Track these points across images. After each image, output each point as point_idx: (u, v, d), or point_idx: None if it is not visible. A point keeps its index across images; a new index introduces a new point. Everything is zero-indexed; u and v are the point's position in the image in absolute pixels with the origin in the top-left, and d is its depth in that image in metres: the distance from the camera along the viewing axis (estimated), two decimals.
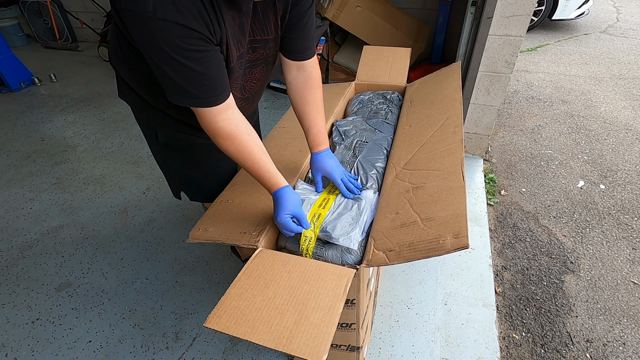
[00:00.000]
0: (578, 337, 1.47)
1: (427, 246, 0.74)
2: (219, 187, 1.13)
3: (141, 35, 0.70)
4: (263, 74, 1.02)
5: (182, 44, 0.70)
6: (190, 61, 0.73)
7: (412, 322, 1.44)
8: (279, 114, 2.99)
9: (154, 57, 0.72)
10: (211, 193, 1.15)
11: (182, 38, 0.69)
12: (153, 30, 0.67)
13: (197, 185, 1.20)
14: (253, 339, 0.65)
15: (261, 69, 0.99)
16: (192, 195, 1.24)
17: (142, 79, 0.92)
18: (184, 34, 0.69)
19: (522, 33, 1.85)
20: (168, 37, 0.68)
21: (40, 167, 2.42)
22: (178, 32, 0.68)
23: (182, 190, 1.24)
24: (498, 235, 1.92)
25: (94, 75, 3.82)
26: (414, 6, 3.37)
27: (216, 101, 0.80)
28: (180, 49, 0.70)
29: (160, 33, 0.68)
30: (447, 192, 0.86)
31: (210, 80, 0.77)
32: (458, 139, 1.03)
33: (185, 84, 0.75)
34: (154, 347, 1.39)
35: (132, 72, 0.93)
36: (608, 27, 5.15)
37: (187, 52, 0.71)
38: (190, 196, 1.25)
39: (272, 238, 0.96)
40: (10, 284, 1.65)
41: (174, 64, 0.72)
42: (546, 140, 2.69)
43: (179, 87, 0.76)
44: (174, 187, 1.26)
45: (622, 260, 1.77)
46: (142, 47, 0.73)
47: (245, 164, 0.88)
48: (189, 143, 1.06)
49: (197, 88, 0.77)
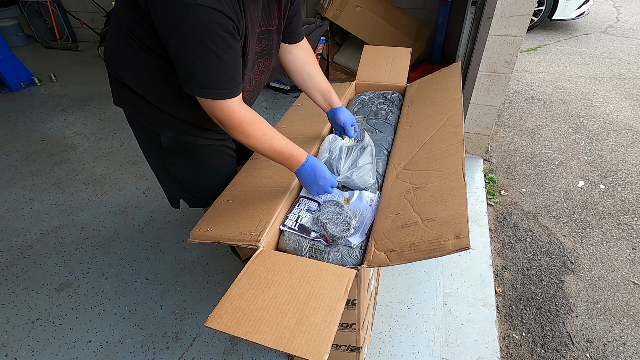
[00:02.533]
0: (578, 337, 1.47)
1: (428, 247, 0.74)
2: (220, 190, 1.13)
3: (175, 23, 0.71)
4: (266, 67, 1.03)
5: (219, 31, 0.72)
6: (221, 50, 0.75)
7: (412, 322, 1.44)
8: (279, 114, 2.99)
9: (184, 47, 0.74)
10: (212, 197, 1.15)
11: (218, 25, 0.72)
12: (192, 16, 0.69)
13: (198, 189, 1.18)
14: (254, 339, 0.64)
15: (265, 60, 1.00)
16: (192, 201, 1.22)
17: (150, 80, 0.91)
18: (221, 21, 0.72)
19: (522, 33, 1.85)
20: (206, 23, 0.71)
21: (40, 167, 2.42)
22: (216, 18, 0.71)
23: (182, 197, 1.22)
24: (498, 235, 1.92)
25: (94, 75, 3.82)
26: (414, 6, 3.37)
27: (236, 92, 0.83)
28: (215, 37, 0.73)
29: (199, 19, 0.70)
30: (448, 192, 0.86)
31: (233, 71, 0.80)
32: (459, 139, 1.03)
33: (214, 73, 0.77)
34: (154, 347, 1.39)
35: (138, 74, 0.92)
36: (608, 27, 5.15)
37: (220, 41, 0.74)
38: (190, 202, 1.23)
39: (272, 238, 0.96)
40: (10, 284, 1.65)
41: (205, 53, 0.74)
42: (546, 140, 2.69)
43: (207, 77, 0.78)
44: (173, 195, 1.24)
45: (622, 260, 1.77)
46: (171, 37, 0.74)
47: (273, 144, 0.91)
48: (193, 145, 1.06)
49: (223, 78, 0.79)
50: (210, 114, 0.87)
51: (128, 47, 0.87)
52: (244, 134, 0.88)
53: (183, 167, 1.12)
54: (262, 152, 0.93)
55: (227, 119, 0.85)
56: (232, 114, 0.84)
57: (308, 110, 1.46)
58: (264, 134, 0.90)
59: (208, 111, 0.86)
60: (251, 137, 0.88)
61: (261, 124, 0.89)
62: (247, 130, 0.87)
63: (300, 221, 0.98)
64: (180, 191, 1.20)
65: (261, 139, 0.90)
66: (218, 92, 0.81)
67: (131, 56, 0.88)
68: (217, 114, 0.85)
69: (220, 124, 0.88)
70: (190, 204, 1.24)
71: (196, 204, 1.23)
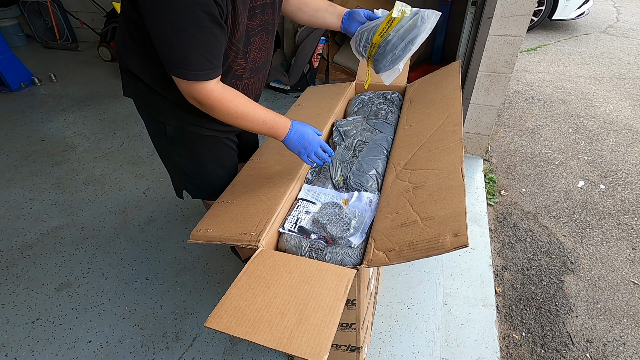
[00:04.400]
0: (578, 337, 1.47)
1: (426, 245, 0.74)
2: (222, 182, 1.14)
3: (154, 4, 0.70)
4: (264, 44, 1.00)
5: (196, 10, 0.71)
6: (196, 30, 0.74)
7: (412, 322, 1.44)
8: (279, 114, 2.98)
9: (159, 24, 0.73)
10: (215, 189, 1.16)
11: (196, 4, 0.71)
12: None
13: (201, 179, 1.19)
14: (254, 339, 0.64)
15: (261, 37, 0.98)
16: (195, 192, 1.24)
17: (154, 67, 0.91)
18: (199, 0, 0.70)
19: (522, 33, 1.85)
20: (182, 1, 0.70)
21: (40, 167, 2.42)
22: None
23: (185, 188, 1.24)
24: (498, 235, 1.92)
25: (94, 75, 3.82)
26: (413, 6, 3.37)
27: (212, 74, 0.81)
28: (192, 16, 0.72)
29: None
30: (446, 190, 0.86)
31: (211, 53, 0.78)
32: (457, 137, 1.03)
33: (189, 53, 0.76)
34: (154, 347, 1.39)
35: (143, 62, 0.93)
36: (608, 27, 5.15)
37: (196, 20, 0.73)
38: (192, 193, 1.24)
39: (272, 238, 0.96)
40: (10, 284, 1.65)
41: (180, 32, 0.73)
42: (546, 140, 2.69)
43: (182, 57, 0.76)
44: (177, 185, 1.26)
45: (622, 260, 1.77)
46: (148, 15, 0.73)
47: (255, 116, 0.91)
48: (197, 135, 1.07)
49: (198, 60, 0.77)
50: (187, 97, 0.85)
51: (131, 35, 0.88)
52: (225, 111, 0.87)
53: (186, 157, 1.13)
54: (246, 126, 0.92)
55: (205, 99, 0.84)
56: (209, 93, 0.83)
57: (308, 111, 1.46)
58: (245, 108, 0.89)
59: (185, 93, 0.85)
60: (232, 113, 0.88)
61: (240, 98, 0.88)
62: (227, 107, 0.86)
63: (300, 223, 0.98)
64: (184, 182, 1.21)
65: (243, 112, 0.89)
66: (193, 74, 0.79)
67: (135, 44, 0.89)
68: (194, 95, 0.84)
69: (200, 105, 0.87)
70: (193, 195, 1.25)
71: (198, 195, 1.24)
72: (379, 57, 1.00)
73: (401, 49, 0.97)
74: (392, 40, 0.97)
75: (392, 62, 1.00)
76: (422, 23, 0.95)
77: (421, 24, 0.95)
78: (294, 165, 1.16)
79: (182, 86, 0.83)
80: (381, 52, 0.99)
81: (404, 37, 0.96)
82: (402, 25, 0.96)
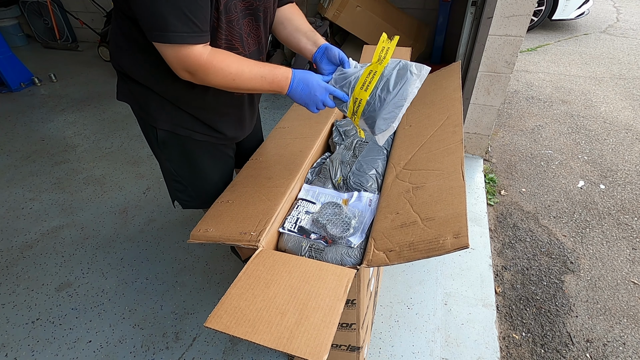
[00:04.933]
0: (578, 337, 1.47)
1: (427, 246, 0.74)
2: (213, 191, 1.10)
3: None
4: (253, 30, 0.95)
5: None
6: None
7: (412, 322, 1.44)
8: (279, 114, 2.99)
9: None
10: (206, 197, 1.13)
11: None
12: None
13: (192, 187, 1.17)
14: (254, 339, 0.65)
15: (250, 21, 0.93)
16: (185, 201, 1.19)
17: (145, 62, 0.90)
18: None
19: (522, 33, 1.85)
20: None
21: (40, 167, 2.42)
22: None
23: (176, 198, 1.20)
24: (498, 235, 1.92)
25: (94, 75, 3.82)
26: (414, 6, 3.37)
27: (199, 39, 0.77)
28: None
29: None
30: (447, 191, 0.86)
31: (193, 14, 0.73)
32: (458, 138, 1.03)
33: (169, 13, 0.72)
34: (154, 347, 1.39)
35: (133, 57, 0.91)
36: (608, 27, 5.15)
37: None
38: (183, 203, 1.20)
39: (272, 238, 0.96)
40: (10, 284, 1.65)
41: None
42: (546, 140, 2.69)
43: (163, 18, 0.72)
44: (171, 193, 1.22)
45: (622, 260, 1.77)
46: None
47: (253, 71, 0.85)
48: (189, 139, 1.05)
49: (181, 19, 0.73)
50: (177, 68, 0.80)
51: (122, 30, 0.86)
52: (219, 74, 0.82)
53: (178, 163, 1.11)
54: (246, 85, 0.87)
55: (194, 65, 0.79)
56: (198, 57, 0.78)
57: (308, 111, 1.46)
58: (239, 65, 0.84)
59: (173, 64, 0.80)
60: (227, 75, 0.83)
61: (232, 57, 0.83)
62: (220, 68, 0.81)
63: (300, 223, 0.99)
64: (175, 190, 1.18)
65: (238, 71, 0.83)
66: (178, 36, 0.74)
67: (125, 40, 0.88)
68: (183, 63, 0.78)
69: (191, 75, 0.82)
70: (183, 205, 1.20)
71: (189, 204, 1.20)
72: (370, 116, 0.91)
73: (394, 105, 0.88)
74: (381, 96, 0.88)
75: (386, 122, 0.91)
76: (412, 76, 0.87)
77: (411, 76, 0.87)
78: (294, 165, 1.16)
79: (168, 55, 0.78)
80: (371, 111, 0.90)
81: (394, 91, 0.87)
82: (387, 78, 0.88)
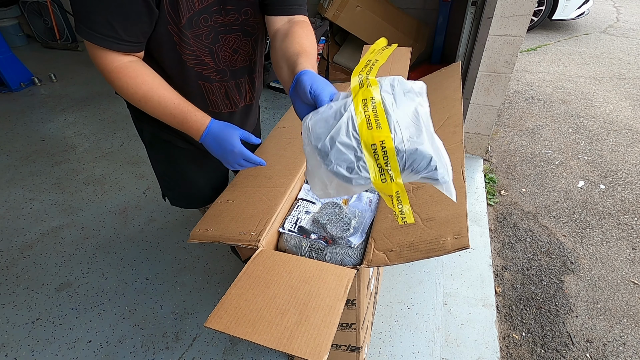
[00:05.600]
0: (578, 337, 1.47)
1: (427, 246, 0.74)
2: (200, 195, 1.11)
3: None
4: (240, 46, 0.92)
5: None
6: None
7: (412, 322, 1.44)
8: (279, 114, 2.99)
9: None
10: (192, 199, 1.13)
11: None
12: None
13: (178, 189, 1.17)
14: (254, 339, 0.64)
15: (237, 37, 0.89)
16: (173, 200, 1.21)
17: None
18: None
19: (522, 33, 1.85)
20: None
21: (40, 167, 2.42)
22: None
23: (165, 194, 1.22)
24: (498, 235, 1.92)
25: (94, 75, 3.82)
26: (414, 6, 3.37)
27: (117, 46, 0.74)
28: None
29: None
30: None
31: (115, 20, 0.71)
32: (458, 139, 1.03)
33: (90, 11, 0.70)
34: (154, 347, 1.39)
35: None
36: (608, 27, 5.15)
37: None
38: (170, 200, 1.21)
39: (272, 238, 0.96)
40: (10, 284, 1.65)
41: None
42: (546, 140, 2.69)
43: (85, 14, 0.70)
44: (161, 188, 1.23)
45: (622, 260, 1.77)
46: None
47: (161, 102, 0.79)
48: (171, 145, 1.05)
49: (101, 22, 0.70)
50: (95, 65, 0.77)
51: None
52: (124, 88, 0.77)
53: (164, 165, 1.11)
54: (153, 113, 0.81)
55: (103, 68, 0.75)
56: (109, 62, 0.75)
57: None
58: (152, 90, 0.77)
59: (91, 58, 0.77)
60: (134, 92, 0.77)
61: (148, 78, 0.77)
62: (126, 83, 0.76)
63: (300, 223, 0.99)
64: (163, 187, 1.19)
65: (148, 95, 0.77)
66: (97, 36, 0.71)
67: None
68: (95, 61, 0.75)
69: (104, 76, 0.78)
70: (171, 202, 1.22)
71: (176, 203, 1.21)
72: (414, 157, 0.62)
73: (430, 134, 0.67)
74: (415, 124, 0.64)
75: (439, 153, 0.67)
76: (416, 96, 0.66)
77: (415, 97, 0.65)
78: (294, 165, 1.16)
79: (88, 49, 0.76)
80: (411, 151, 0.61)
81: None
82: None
